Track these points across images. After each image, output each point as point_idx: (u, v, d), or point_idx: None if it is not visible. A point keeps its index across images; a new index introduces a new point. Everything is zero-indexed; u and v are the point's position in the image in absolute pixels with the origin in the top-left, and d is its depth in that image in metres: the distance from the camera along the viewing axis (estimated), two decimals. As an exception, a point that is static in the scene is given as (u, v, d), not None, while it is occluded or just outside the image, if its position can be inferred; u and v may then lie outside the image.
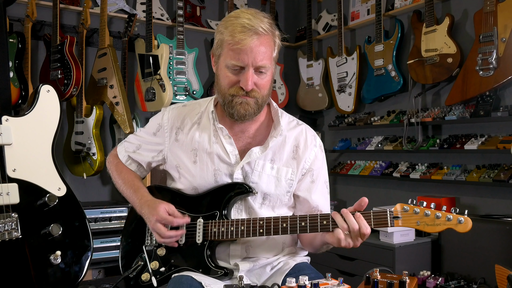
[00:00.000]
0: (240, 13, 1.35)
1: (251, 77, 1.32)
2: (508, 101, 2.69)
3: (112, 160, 1.65)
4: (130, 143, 1.62)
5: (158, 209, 1.40)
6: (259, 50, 1.31)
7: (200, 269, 1.39)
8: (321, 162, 1.53)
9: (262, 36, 1.32)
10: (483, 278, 2.46)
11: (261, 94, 1.38)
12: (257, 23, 1.31)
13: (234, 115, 1.40)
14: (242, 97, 1.36)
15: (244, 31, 1.30)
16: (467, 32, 2.89)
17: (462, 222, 1.22)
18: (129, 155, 1.61)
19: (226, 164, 1.45)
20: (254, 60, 1.31)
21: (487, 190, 2.75)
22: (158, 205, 1.41)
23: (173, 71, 3.36)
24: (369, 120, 3.40)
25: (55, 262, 1.64)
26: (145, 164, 1.60)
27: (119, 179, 1.59)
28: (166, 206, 1.42)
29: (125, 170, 1.61)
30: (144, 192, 1.51)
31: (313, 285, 1.12)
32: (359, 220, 1.24)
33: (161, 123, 1.55)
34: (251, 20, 1.31)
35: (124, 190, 1.57)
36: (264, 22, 1.33)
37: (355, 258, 2.84)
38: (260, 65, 1.32)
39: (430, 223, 1.23)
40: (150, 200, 1.47)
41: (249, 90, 1.34)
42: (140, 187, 1.54)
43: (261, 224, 1.35)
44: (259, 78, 1.35)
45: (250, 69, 1.32)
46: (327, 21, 3.92)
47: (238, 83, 1.35)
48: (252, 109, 1.38)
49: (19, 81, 2.85)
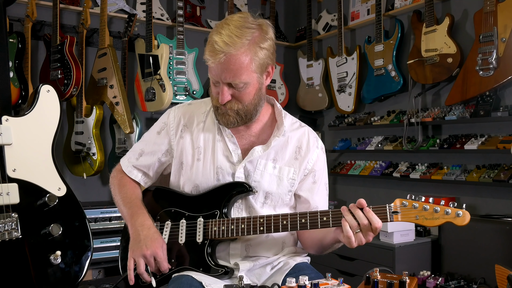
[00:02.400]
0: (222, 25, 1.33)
1: (223, 93, 1.35)
2: (508, 101, 2.69)
3: (115, 175, 1.63)
4: (133, 151, 1.60)
5: (157, 244, 1.38)
6: (227, 68, 1.31)
7: (201, 268, 1.39)
8: (322, 164, 1.54)
9: (230, 56, 1.29)
10: (483, 278, 2.46)
11: (242, 105, 1.38)
12: (230, 41, 1.28)
13: (220, 122, 1.45)
14: (223, 108, 1.40)
15: (212, 50, 1.30)
16: (467, 32, 2.89)
17: (461, 215, 1.22)
18: (132, 164, 1.59)
19: (229, 163, 1.46)
20: (223, 77, 1.33)
21: (487, 190, 2.75)
22: (158, 239, 1.39)
23: (173, 71, 3.36)
24: (369, 120, 3.40)
25: (55, 262, 1.64)
26: (151, 170, 1.57)
27: (119, 194, 1.56)
28: (163, 244, 1.41)
29: (128, 185, 1.57)
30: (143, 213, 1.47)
31: (313, 285, 1.12)
32: (369, 215, 1.23)
33: (167, 121, 1.56)
34: (222, 39, 1.28)
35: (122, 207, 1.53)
36: (243, 37, 1.30)
37: (355, 258, 2.84)
38: (229, 82, 1.33)
39: (429, 217, 1.23)
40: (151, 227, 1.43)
41: (223, 103, 1.37)
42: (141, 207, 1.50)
43: (261, 222, 1.35)
44: (237, 91, 1.36)
45: (222, 84, 1.34)
46: (327, 21, 3.92)
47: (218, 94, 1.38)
48: (233, 119, 1.40)
49: (19, 81, 2.85)
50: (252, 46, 1.32)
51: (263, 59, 1.36)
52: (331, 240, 1.38)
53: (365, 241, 1.25)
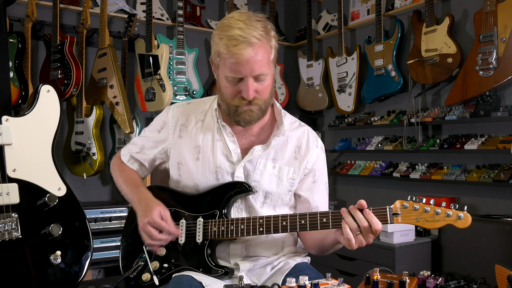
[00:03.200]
0: (232, 22, 1.32)
1: (251, 87, 1.32)
2: (508, 101, 2.69)
3: (115, 161, 1.68)
4: (135, 144, 1.63)
5: (152, 211, 1.40)
6: (255, 60, 1.30)
7: (201, 268, 1.39)
8: (322, 163, 1.55)
9: (256, 45, 1.29)
10: (483, 278, 2.46)
11: (263, 99, 1.38)
12: (250, 33, 1.28)
13: (240, 122, 1.41)
14: (245, 106, 1.37)
15: (237, 44, 1.28)
16: (467, 32, 2.89)
17: (462, 218, 1.21)
18: (131, 155, 1.62)
19: (228, 162, 1.46)
20: (251, 70, 1.30)
21: (487, 190, 2.75)
22: (154, 207, 1.41)
23: (173, 71, 3.36)
24: (369, 120, 3.40)
25: (55, 262, 1.64)
26: (147, 162, 1.61)
27: (121, 178, 1.61)
28: (161, 209, 1.41)
29: (127, 169, 1.62)
30: (143, 189, 1.52)
31: (313, 285, 1.12)
32: (369, 217, 1.22)
33: (166, 120, 1.56)
34: (243, 30, 1.29)
35: (124, 188, 1.57)
36: (257, 28, 1.30)
37: (355, 258, 2.84)
38: (258, 74, 1.32)
39: (430, 219, 1.22)
40: (149, 198, 1.47)
41: (251, 99, 1.34)
42: (140, 185, 1.55)
43: (261, 222, 1.35)
44: (259, 85, 1.35)
45: (249, 79, 1.32)
46: (327, 21, 3.92)
47: (239, 93, 1.35)
48: (256, 115, 1.39)
49: (19, 81, 2.85)
50: (268, 36, 1.34)
51: (276, 48, 1.38)
52: (332, 242, 1.37)
53: (365, 243, 1.25)
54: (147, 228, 1.39)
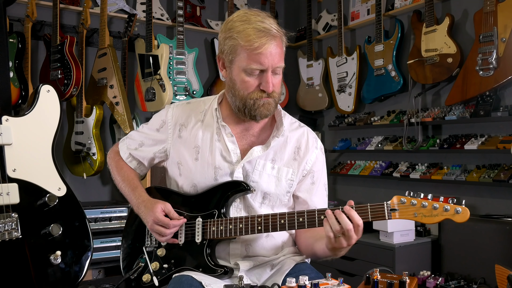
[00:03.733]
0: (249, 16, 1.35)
1: (270, 79, 1.35)
2: (508, 101, 2.69)
3: (113, 156, 1.66)
4: (133, 140, 1.61)
5: (154, 210, 1.41)
6: (277, 52, 1.34)
7: (200, 268, 1.39)
8: (321, 165, 1.54)
9: (277, 38, 1.34)
10: (483, 278, 2.46)
11: (278, 93, 1.42)
12: (270, 26, 1.33)
13: (256, 117, 1.42)
14: (264, 99, 1.39)
15: (261, 36, 1.31)
16: (467, 32, 2.89)
17: (460, 212, 1.19)
18: (130, 152, 1.61)
19: (227, 163, 1.46)
20: (273, 62, 1.34)
21: (487, 190, 2.75)
22: (155, 206, 1.42)
23: (173, 71, 3.36)
24: (369, 120, 3.40)
25: (55, 262, 1.64)
26: (146, 161, 1.60)
27: (119, 176, 1.60)
28: (162, 205, 1.42)
29: (125, 167, 1.61)
30: (141, 192, 1.52)
31: (313, 285, 1.12)
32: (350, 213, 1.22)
33: (165, 119, 1.56)
34: (264, 23, 1.33)
35: (123, 187, 1.58)
36: (273, 23, 1.35)
37: (355, 258, 2.84)
38: (278, 66, 1.36)
39: (428, 214, 1.21)
40: (147, 200, 1.47)
41: (271, 91, 1.37)
42: (138, 186, 1.55)
43: (259, 221, 1.35)
44: (275, 78, 1.38)
45: (269, 71, 1.35)
46: (327, 21, 3.92)
47: (258, 86, 1.37)
48: (273, 108, 1.43)
49: (19, 81, 2.85)
50: (281, 30, 1.38)
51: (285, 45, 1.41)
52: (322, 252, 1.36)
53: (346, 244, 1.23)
54: (155, 227, 1.40)
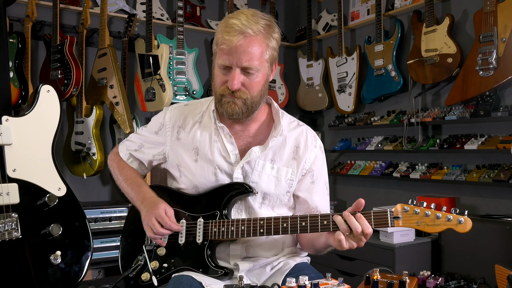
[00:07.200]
0: (238, 14, 1.36)
1: (236, 77, 1.33)
2: (508, 101, 2.69)
3: (113, 157, 1.66)
4: (132, 142, 1.62)
5: (158, 206, 1.41)
6: (245, 50, 1.31)
7: (200, 268, 1.39)
8: (321, 163, 1.54)
9: (250, 37, 1.31)
10: (483, 278, 2.46)
11: (250, 95, 1.38)
12: (249, 24, 1.31)
13: (223, 114, 1.42)
14: (229, 97, 1.38)
15: (230, 31, 1.31)
16: (467, 32, 2.89)
17: (462, 222, 1.22)
18: (130, 153, 1.61)
19: (227, 163, 1.45)
20: (239, 60, 1.32)
21: (487, 190, 2.75)
22: (160, 204, 1.43)
23: (173, 71, 3.36)
24: (369, 120, 3.40)
25: (55, 262, 1.64)
26: (146, 162, 1.60)
27: (121, 176, 1.60)
28: (166, 207, 1.43)
29: (127, 167, 1.61)
30: (147, 189, 1.52)
31: (313, 285, 1.12)
32: (360, 220, 1.24)
33: (163, 122, 1.56)
34: (241, 21, 1.31)
35: (125, 186, 1.57)
36: (257, 24, 1.33)
37: (355, 258, 2.84)
38: (245, 66, 1.33)
39: (430, 223, 1.23)
40: (154, 197, 1.48)
41: (234, 90, 1.35)
42: (143, 184, 1.55)
43: (261, 224, 1.35)
44: (247, 79, 1.36)
45: (236, 69, 1.33)
46: (327, 21, 3.92)
47: (226, 82, 1.36)
48: (239, 109, 1.39)
49: (19, 81, 2.85)
50: (267, 34, 1.35)
51: (274, 50, 1.39)
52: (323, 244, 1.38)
53: (356, 245, 1.26)
54: (152, 220, 1.40)
